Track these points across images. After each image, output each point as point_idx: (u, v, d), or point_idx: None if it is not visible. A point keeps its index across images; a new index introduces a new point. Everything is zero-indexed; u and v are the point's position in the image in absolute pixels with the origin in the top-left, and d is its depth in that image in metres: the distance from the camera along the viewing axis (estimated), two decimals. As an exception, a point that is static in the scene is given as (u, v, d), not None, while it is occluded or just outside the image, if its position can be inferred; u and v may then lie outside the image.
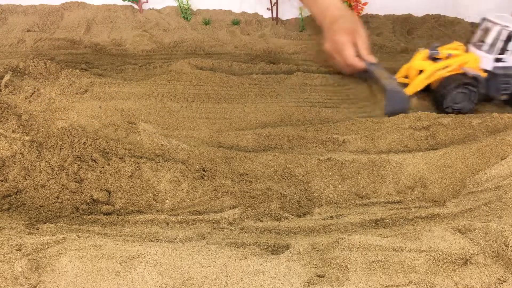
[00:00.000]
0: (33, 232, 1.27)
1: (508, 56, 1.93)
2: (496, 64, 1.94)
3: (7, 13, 2.70)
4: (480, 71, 1.93)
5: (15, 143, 1.57)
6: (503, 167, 1.57)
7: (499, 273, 1.11)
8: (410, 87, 1.95)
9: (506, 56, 1.93)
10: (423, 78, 1.93)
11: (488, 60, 1.94)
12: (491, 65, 1.94)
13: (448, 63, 1.93)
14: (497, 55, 1.93)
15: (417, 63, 1.97)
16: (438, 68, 1.92)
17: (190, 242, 1.26)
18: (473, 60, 1.94)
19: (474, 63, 1.94)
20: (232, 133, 1.74)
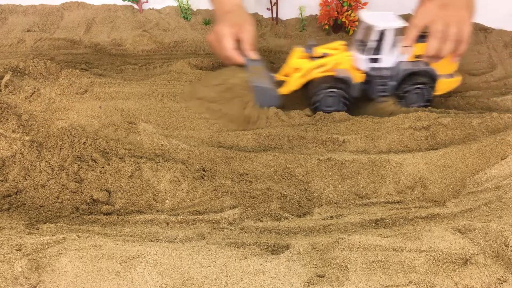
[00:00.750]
0: (33, 232, 1.28)
1: (384, 56, 1.81)
2: (371, 65, 1.83)
3: (7, 13, 2.70)
4: (357, 72, 1.84)
5: (15, 143, 1.57)
6: (503, 167, 1.57)
7: (499, 273, 1.12)
8: (285, 85, 1.86)
9: (381, 56, 1.82)
10: (298, 77, 1.84)
11: (363, 61, 1.83)
12: (366, 66, 1.83)
13: (322, 62, 1.83)
14: (370, 55, 1.81)
15: (293, 61, 1.87)
16: (312, 67, 1.82)
17: (190, 242, 1.26)
18: (347, 60, 1.84)
19: (348, 63, 1.84)
20: (232, 133, 1.74)
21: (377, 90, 1.87)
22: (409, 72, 1.84)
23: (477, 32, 2.60)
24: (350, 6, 2.56)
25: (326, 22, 2.60)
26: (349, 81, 1.84)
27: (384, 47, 1.80)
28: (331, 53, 1.87)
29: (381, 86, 1.87)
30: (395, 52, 1.81)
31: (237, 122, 1.75)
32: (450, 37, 1.67)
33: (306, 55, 1.87)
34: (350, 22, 2.57)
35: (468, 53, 2.48)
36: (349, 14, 2.55)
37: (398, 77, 1.85)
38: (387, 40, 1.78)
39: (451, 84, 1.93)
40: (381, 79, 1.85)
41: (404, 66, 1.83)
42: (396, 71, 1.84)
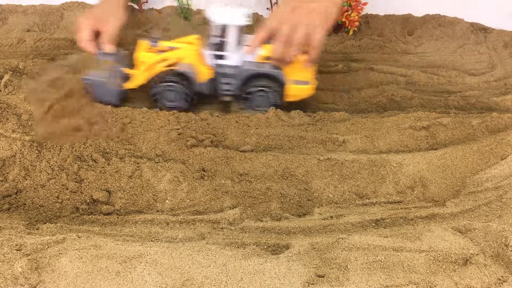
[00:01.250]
0: (33, 232, 1.28)
1: (229, 54, 1.75)
2: (217, 61, 1.76)
3: (7, 13, 2.69)
4: (205, 68, 1.76)
5: (15, 143, 1.57)
6: (503, 167, 1.57)
7: (499, 273, 1.12)
8: (131, 80, 1.79)
9: (225, 53, 1.75)
10: (142, 70, 1.76)
11: (208, 57, 1.76)
12: (211, 62, 1.76)
13: (166, 56, 1.75)
14: (214, 51, 1.75)
15: (140, 54, 1.77)
16: (157, 61, 1.75)
17: (190, 242, 1.26)
18: (191, 55, 1.76)
19: (193, 58, 1.76)
20: (232, 133, 1.74)
21: (221, 89, 1.81)
22: (252, 73, 1.76)
23: (477, 32, 2.60)
24: (350, 6, 2.55)
25: (326, 22, 2.60)
26: (190, 76, 1.76)
27: (228, 45, 1.74)
28: (178, 47, 1.79)
29: (225, 85, 1.80)
30: (240, 51, 1.74)
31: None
32: (295, 41, 1.60)
33: (154, 48, 1.80)
34: (350, 22, 2.57)
35: (468, 53, 2.48)
36: (349, 14, 2.55)
37: (241, 77, 1.76)
38: (230, 37, 1.72)
39: (302, 91, 1.81)
40: (225, 77, 1.78)
41: (248, 66, 1.75)
42: (240, 71, 1.76)
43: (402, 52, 2.54)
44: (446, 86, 2.21)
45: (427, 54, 2.51)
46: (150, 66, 1.75)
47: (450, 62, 2.43)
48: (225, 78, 1.78)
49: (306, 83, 1.79)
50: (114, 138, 1.62)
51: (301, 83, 1.79)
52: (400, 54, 2.52)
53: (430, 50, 2.54)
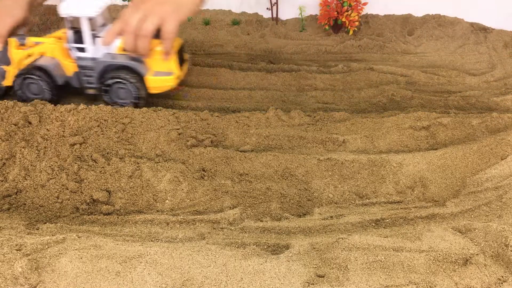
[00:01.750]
0: (33, 232, 1.28)
1: (86, 46, 1.80)
2: (78, 54, 1.83)
3: (7, 13, 2.69)
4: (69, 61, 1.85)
5: (16, 143, 1.57)
6: (503, 167, 1.57)
7: (499, 273, 1.12)
8: (6, 77, 1.87)
9: (83, 46, 1.81)
10: (13, 67, 1.85)
11: (71, 50, 1.84)
12: (73, 55, 1.84)
13: (31, 51, 1.84)
14: (73, 44, 1.82)
15: (11, 51, 1.85)
16: (23, 57, 1.83)
17: (190, 242, 1.26)
18: (54, 49, 1.84)
19: (56, 52, 1.84)
20: (232, 133, 1.74)
21: (83, 81, 1.87)
22: (109, 65, 1.80)
23: (477, 32, 2.61)
24: (350, 6, 2.56)
25: (326, 22, 2.60)
26: (49, 69, 1.81)
27: (84, 37, 1.78)
28: (43, 41, 1.86)
29: (86, 77, 1.85)
30: (98, 43, 1.78)
31: None
32: (143, 32, 1.59)
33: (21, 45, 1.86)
34: (350, 22, 2.57)
35: (468, 53, 2.48)
36: (349, 14, 2.55)
37: (99, 69, 1.82)
38: (84, 30, 1.77)
39: (164, 82, 1.83)
40: (84, 70, 1.84)
41: (104, 58, 1.80)
42: (98, 63, 1.81)
43: (402, 52, 2.54)
44: (446, 86, 2.21)
45: (427, 54, 2.51)
46: (18, 62, 1.83)
47: (450, 62, 2.44)
48: (85, 70, 1.84)
49: (168, 74, 1.81)
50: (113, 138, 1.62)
51: (162, 74, 1.80)
52: (400, 54, 2.52)
53: (430, 50, 2.54)
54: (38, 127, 1.63)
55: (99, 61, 1.81)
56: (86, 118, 1.66)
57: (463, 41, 2.56)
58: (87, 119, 1.66)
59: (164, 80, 1.82)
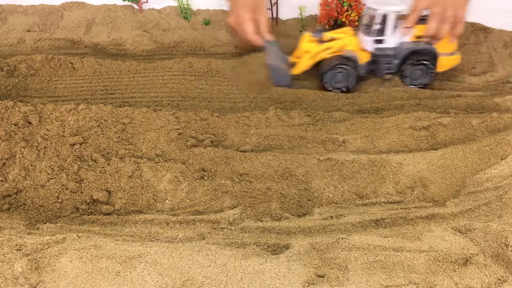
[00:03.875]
0: (33, 232, 1.28)
1: (387, 37, 2.05)
2: (376, 46, 2.07)
3: (7, 13, 2.70)
4: (363, 52, 2.07)
5: (16, 143, 1.57)
6: (503, 167, 1.57)
7: (499, 273, 1.12)
8: (297, 66, 2.11)
9: (385, 37, 2.05)
10: (307, 58, 2.08)
11: (369, 42, 2.07)
12: (372, 46, 2.07)
13: (330, 45, 2.06)
14: (375, 36, 2.05)
15: (304, 45, 2.10)
16: (321, 50, 2.06)
17: (190, 242, 1.26)
18: (353, 43, 2.07)
19: (354, 45, 2.07)
20: (232, 133, 1.74)
21: (383, 68, 2.11)
22: (410, 51, 2.05)
23: (477, 32, 2.60)
24: (350, 6, 2.55)
25: (326, 22, 2.60)
26: (356, 59, 2.07)
27: (387, 29, 2.03)
28: (338, 37, 2.09)
29: (387, 65, 2.10)
30: (398, 33, 2.04)
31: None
32: (447, 19, 1.89)
33: (315, 39, 2.10)
34: (350, 22, 2.57)
35: (468, 53, 2.48)
36: (349, 14, 2.55)
37: (401, 56, 2.06)
38: (389, 23, 2.01)
39: (451, 61, 2.13)
40: (386, 58, 2.08)
41: (406, 45, 2.05)
42: (399, 50, 2.06)
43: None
44: (446, 86, 2.21)
45: (427, 54, 2.51)
46: (315, 54, 2.08)
47: (450, 62, 2.43)
48: (386, 58, 2.09)
49: (453, 54, 2.12)
50: None
51: (450, 55, 2.11)
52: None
53: (430, 50, 2.53)
54: (38, 127, 1.62)
55: (403, 48, 2.06)
56: (86, 118, 1.66)
57: (463, 41, 2.56)
58: (87, 119, 1.66)
59: (452, 59, 2.13)
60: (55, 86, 2.08)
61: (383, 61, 2.09)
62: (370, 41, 2.06)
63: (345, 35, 2.11)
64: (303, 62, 2.10)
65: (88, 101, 1.93)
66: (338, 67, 2.06)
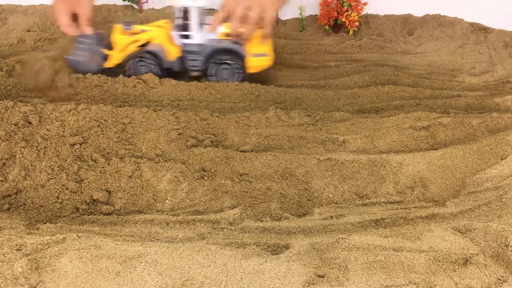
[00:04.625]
0: (33, 232, 1.28)
1: (193, 33, 1.99)
2: (183, 41, 2.01)
3: (7, 13, 2.70)
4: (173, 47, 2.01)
5: (16, 143, 1.57)
6: (503, 167, 1.57)
7: (499, 273, 1.12)
8: (109, 59, 2.03)
9: (191, 33, 2.00)
10: (117, 51, 2.01)
11: (176, 37, 2.02)
12: (179, 41, 2.02)
13: (137, 38, 2.01)
14: (180, 31, 2.00)
15: (115, 37, 2.02)
16: (129, 42, 2.00)
17: (190, 242, 1.26)
18: (160, 36, 2.01)
19: (163, 39, 2.01)
20: (233, 133, 1.74)
21: (189, 65, 2.05)
22: (214, 49, 2.01)
23: (477, 32, 2.61)
24: (350, 6, 2.55)
25: (326, 22, 2.60)
26: (159, 54, 2.01)
27: (192, 25, 1.99)
28: (148, 29, 2.04)
29: (192, 61, 2.05)
30: (204, 30, 1.99)
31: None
32: (250, 19, 1.85)
33: (127, 32, 2.03)
34: (350, 22, 2.57)
35: (468, 53, 2.48)
36: (349, 14, 2.55)
37: (205, 53, 2.01)
38: (193, 18, 1.97)
39: (262, 62, 2.07)
40: (190, 54, 2.03)
41: (211, 43, 2.00)
42: (204, 48, 2.01)
43: (402, 52, 2.54)
44: (446, 86, 2.21)
45: (427, 54, 2.51)
46: (123, 47, 2.00)
47: (450, 62, 2.44)
48: (191, 54, 2.03)
49: (264, 55, 2.05)
50: None
51: (260, 55, 2.05)
52: (400, 54, 2.52)
53: (430, 50, 2.54)
54: (38, 127, 1.62)
55: (207, 46, 2.01)
56: (86, 118, 1.66)
57: (463, 41, 2.56)
58: (87, 119, 1.66)
59: (262, 60, 2.07)
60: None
61: (188, 57, 2.04)
62: (176, 36, 2.01)
63: (156, 29, 2.05)
64: (114, 55, 2.02)
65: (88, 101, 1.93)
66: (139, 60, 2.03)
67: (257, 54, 2.04)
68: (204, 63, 2.04)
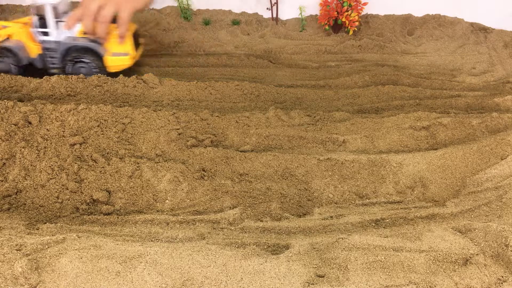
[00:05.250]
0: (33, 232, 1.28)
1: (50, 30, 2.00)
2: (43, 38, 2.03)
3: (7, 13, 2.70)
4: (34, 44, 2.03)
5: (16, 143, 1.57)
6: (503, 167, 1.57)
7: (499, 273, 1.12)
8: None
9: (50, 30, 2.01)
10: None
11: (36, 34, 2.03)
12: (38, 38, 2.03)
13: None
14: (37, 28, 2.01)
15: None
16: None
17: (190, 242, 1.26)
18: (20, 32, 2.03)
19: (22, 35, 2.03)
20: (233, 133, 1.74)
21: (47, 62, 2.07)
22: (68, 46, 2.03)
23: (477, 32, 2.61)
24: (350, 6, 2.56)
25: (326, 22, 2.60)
26: (15, 50, 2.02)
27: (48, 22, 1.99)
28: (9, 25, 2.05)
29: (50, 58, 2.06)
30: (60, 27, 2.00)
31: None
32: (102, 18, 1.87)
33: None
34: (350, 22, 2.57)
35: (468, 53, 2.48)
36: (349, 14, 2.55)
37: (61, 51, 2.04)
38: (47, 15, 1.98)
39: (121, 61, 2.07)
40: (48, 52, 2.05)
41: (65, 40, 2.02)
42: (59, 45, 2.03)
43: (402, 52, 2.54)
44: (446, 86, 2.21)
45: (427, 54, 2.51)
46: None
47: (450, 62, 2.44)
48: (49, 52, 2.05)
49: (124, 54, 2.06)
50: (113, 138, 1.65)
51: (119, 55, 2.05)
52: (400, 54, 2.52)
53: (430, 50, 2.54)
54: (38, 127, 1.62)
55: (62, 43, 2.01)
56: (86, 118, 1.66)
57: (463, 41, 2.57)
58: (87, 119, 1.66)
59: (121, 59, 2.06)
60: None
61: (47, 54, 2.05)
62: (36, 32, 2.02)
63: (16, 25, 2.06)
64: None
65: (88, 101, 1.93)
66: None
67: (116, 53, 2.04)
68: (61, 60, 2.06)
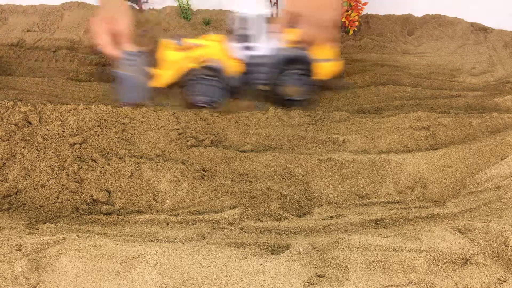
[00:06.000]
0: (33, 232, 1.28)
1: (258, 44, 1.81)
2: (246, 53, 1.82)
3: (7, 13, 2.70)
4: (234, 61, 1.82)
5: (16, 143, 1.57)
6: (503, 167, 1.57)
7: (499, 273, 1.12)
8: (158, 78, 1.83)
9: (256, 44, 1.81)
10: (167, 69, 1.82)
11: (237, 50, 1.83)
12: (241, 54, 1.83)
13: (190, 54, 1.82)
14: (243, 43, 1.81)
15: (163, 54, 1.83)
16: (179, 59, 1.81)
17: (190, 242, 1.26)
18: (217, 50, 1.83)
19: (221, 53, 1.83)
20: (233, 133, 1.74)
21: (254, 78, 1.85)
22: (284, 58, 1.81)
23: (477, 32, 2.60)
24: (350, 6, 2.55)
25: (326, 22, 2.60)
26: (220, 69, 1.81)
27: (257, 35, 1.80)
28: (203, 44, 1.85)
29: (258, 74, 1.85)
30: (269, 39, 1.81)
31: None
32: (323, 23, 1.74)
33: (178, 47, 1.85)
34: (350, 22, 2.57)
35: (468, 53, 2.48)
36: (349, 14, 2.55)
37: (273, 64, 1.82)
38: (258, 28, 1.78)
39: (331, 67, 1.90)
40: (257, 67, 1.83)
41: (278, 52, 1.81)
42: (272, 58, 1.82)
43: (402, 52, 2.54)
44: (446, 86, 2.21)
45: (427, 54, 2.51)
46: (172, 64, 1.80)
47: (450, 62, 2.43)
48: (256, 67, 1.82)
49: (331, 60, 1.88)
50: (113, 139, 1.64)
51: (329, 61, 1.88)
52: (400, 54, 2.52)
53: (430, 50, 2.54)
54: (38, 127, 1.62)
55: (274, 56, 1.81)
56: (86, 118, 1.66)
57: (463, 41, 2.56)
58: (87, 119, 1.66)
59: (332, 65, 1.89)
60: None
61: (254, 70, 1.83)
62: (239, 48, 1.82)
63: (210, 42, 1.86)
64: (164, 74, 1.82)
65: (88, 101, 1.93)
66: (199, 79, 1.81)
67: (326, 59, 1.86)
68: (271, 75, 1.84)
